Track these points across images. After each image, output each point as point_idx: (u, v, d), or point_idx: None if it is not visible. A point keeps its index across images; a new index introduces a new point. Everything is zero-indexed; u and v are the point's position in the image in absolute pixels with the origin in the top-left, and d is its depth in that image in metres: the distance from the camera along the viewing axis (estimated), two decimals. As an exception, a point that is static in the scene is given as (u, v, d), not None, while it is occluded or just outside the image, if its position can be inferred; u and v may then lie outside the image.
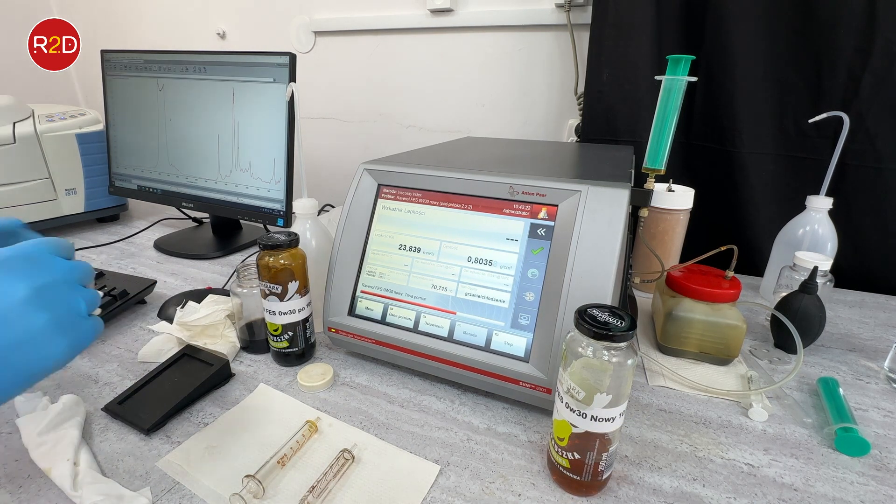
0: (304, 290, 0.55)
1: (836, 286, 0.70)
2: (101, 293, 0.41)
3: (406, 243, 0.54)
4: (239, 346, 0.60)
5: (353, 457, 0.43)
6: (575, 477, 0.39)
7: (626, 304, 0.63)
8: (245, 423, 0.48)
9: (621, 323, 0.35)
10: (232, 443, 0.45)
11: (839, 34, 0.72)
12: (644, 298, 0.76)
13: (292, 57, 0.79)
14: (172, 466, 0.43)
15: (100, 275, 0.76)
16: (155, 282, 0.75)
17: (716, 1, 0.77)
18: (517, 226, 0.49)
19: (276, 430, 0.47)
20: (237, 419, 0.49)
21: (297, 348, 0.57)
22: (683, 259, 0.73)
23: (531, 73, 1.02)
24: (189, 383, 0.51)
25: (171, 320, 0.66)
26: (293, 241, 0.53)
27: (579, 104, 0.95)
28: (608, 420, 0.36)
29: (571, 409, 0.37)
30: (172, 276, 0.83)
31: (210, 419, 0.49)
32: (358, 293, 0.55)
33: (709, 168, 0.86)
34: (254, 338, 0.60)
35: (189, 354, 0.56)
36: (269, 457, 0.42)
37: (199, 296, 0.66)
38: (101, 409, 0.49)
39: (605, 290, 0.43)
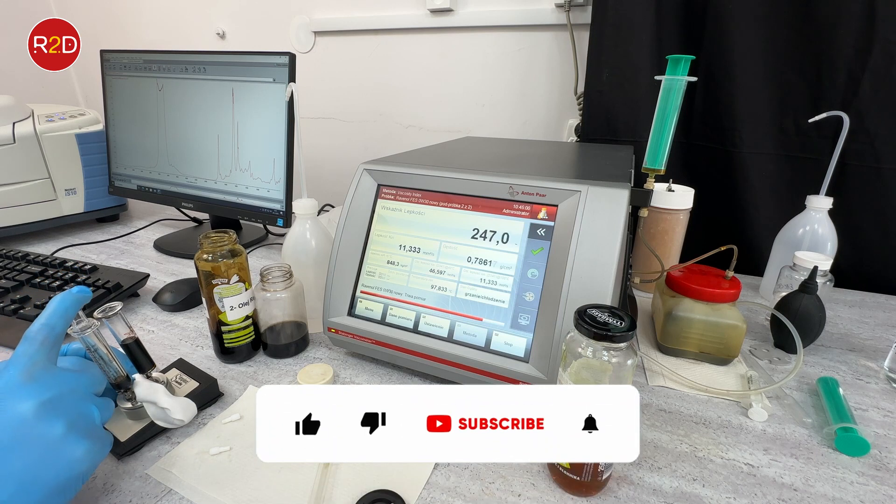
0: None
1: (836, 286, 0.70)
2: (114, 402, 0.41)
3: (406, 243, 0.53)
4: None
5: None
6: (575, 477, 0.39)
7: (626, 304, 0.63)
8: (237, 428, 0.47)
9: (621, 323, 0.35)
10: (224, 447, 0.45)
11: (839, 34, 0.72)
12: (644, 298, 0.76)
13: (292, 57, 0.79)
14: (163, 473, 0.42)
15: (93, 269, 0.76)
16: (147, 275, 0.75)
17: (716, 1, 0.77)
18: (517, 226, 0.49)
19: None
20: (229, 424, 0.48)
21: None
22: (683, 259, 0.73)
23: (531, 73, 1.02)
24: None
25: (165, 306, 0.70)
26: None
27: (579, 104, 0.95)
28: (608, 420, 0.36)
29: (571, 410, 0.37)
30: (172, 276, 0.83)
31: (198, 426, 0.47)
32: (358, 293, 0.55)
33: (709, 168, 0.86)
34: (277, 342, 0.59)
35: (178, 368, 0.54)
36: None
37: (195, 284, 0.69)
38: None
39: (605, 291, 0.43)
